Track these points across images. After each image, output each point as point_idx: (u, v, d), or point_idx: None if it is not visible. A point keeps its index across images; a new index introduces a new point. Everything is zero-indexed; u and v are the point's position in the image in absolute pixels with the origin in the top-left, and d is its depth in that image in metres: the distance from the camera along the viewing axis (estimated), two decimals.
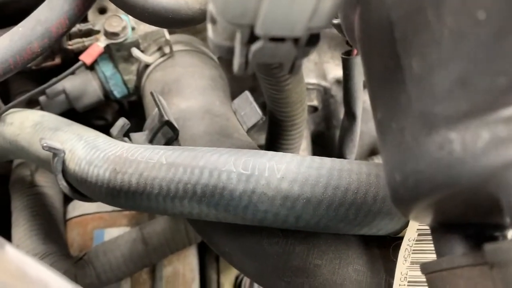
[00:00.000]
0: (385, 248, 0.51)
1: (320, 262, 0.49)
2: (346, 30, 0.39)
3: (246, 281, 0.91)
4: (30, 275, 0.26)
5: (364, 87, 0.77)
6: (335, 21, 0.49)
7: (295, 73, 0.36)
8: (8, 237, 0.83)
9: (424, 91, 0.26)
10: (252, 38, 0.29)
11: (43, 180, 0.87)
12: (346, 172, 0.45)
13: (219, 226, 0.52)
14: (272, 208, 0.45)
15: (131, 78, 0.84)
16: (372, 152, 0.98)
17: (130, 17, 0.78)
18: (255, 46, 0.29)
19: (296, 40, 0.29)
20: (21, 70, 0.84)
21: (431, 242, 0.41)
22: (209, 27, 0.31)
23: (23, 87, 0.92)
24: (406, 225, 0.48)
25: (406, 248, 0.49)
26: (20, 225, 0.80)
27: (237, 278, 0.93)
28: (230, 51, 0.30)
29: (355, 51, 0.65)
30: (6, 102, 0.88)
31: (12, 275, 0.26)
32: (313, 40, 0.30)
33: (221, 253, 0.55)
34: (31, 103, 0.89)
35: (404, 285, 0.48)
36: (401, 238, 0.49)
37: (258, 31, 0.28)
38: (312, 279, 0.49)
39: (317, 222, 0.45)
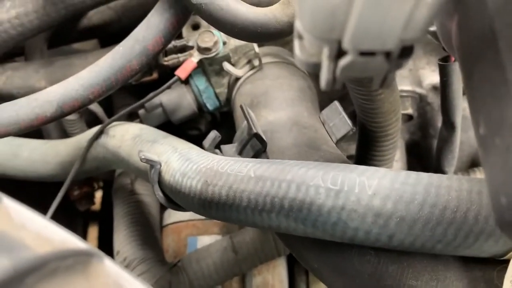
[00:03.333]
0: (488, 271, 0.46)
1: (415, 283, 0.46)
2: (442, 39, 0.37)
3: None
4: None
5: (463, 93, 0.72)
6: (431, 29, 0.46)
7: (386, 87, 0.34)
8: (111, 240, 0.89)
9: None
10: (340, 53, 0.28)
11: (142, 189, 0.93)
12: (445, 189, 0.42)
13: (308, 241, 0.51)
14: (363, 226, 0.43)
15: (223, 91, 0.86)
16: (473, 164, 0.91)
17: None
18: (344, 61, 0.28)
19: (387, 54, 0.28)
20: (122, 86, 0.91)
21: None
22: (296, 43, 0.30)
23: (124, 101, 0.98)
24: None
25: None
26: (121, 230, 0.86)
27: None
28: (317, 67, 0.30)
29: (452, 57, 0.61)
30: (110, 115, 0.95)
31: None
32: (406, 52, 0.29)
33: (310, 268, 0.55)
34: (132, 116, 0.95)
35: None
36: (507, 261, 0.45)
37: (347, 45, 0.27)
38: None
39: (412, 241, 0.43)
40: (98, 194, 1.44)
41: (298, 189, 0.45)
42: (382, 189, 0.42)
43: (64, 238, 0.28)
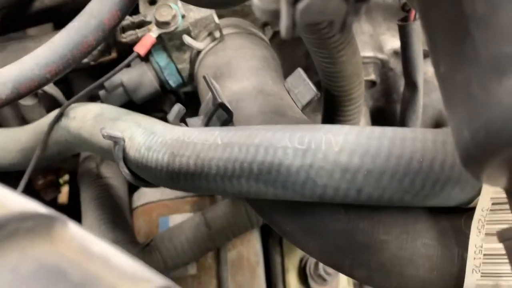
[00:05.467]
0: (456, 220, 0.48)
1: (386, 238, 0.47)
2: None
3: (310, 263, 0.90)
4: (93, 250, 0.26)
5: (425, 56, 0.73)
6: None
7: (347, 32, 0.34)
8: None
9: (490, 34, 0.23)
10: None
11: (108, 172, 0.91)
12: (410, 141, 0.42)
13: (279, 205, 0.51)
14: (332, 182, 0.43)
15: (185, 66, 0.84)
16: (436, 126, 0.93)
17: (180, 5, 0.78)
18: (302, 4, 0.27)
19: None
20: (81, 67, 0.88)
21: (508, 211, 0.38)
22: None
23: (84, 84, 0.95)
24: (478, 194, 0.44)
25: (480, 219, 0.46)
26: (89, 215, 0.84)
27: (301, 260, 0.92)
28: (276, 13, 0.29)
29: (412, 16, 0.62)
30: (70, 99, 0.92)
31: (76, 251, 0.26)
32: None
33: (282, 232, 0.55)
34: (93, 98, 0.92)
35: (480, 258, 0.45)
36: (473, 208, 0.46)
37: None
38: (378, 255, 0.47)
39: (380, 194, 0.43)
40: (65, 189, 1.41)
41: (266, 151, 0.45)
42: (348, 145, 0.43)
43: (24, 204, 0.27)
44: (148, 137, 0.55)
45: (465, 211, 0.47)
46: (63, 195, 1.42)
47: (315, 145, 0.44)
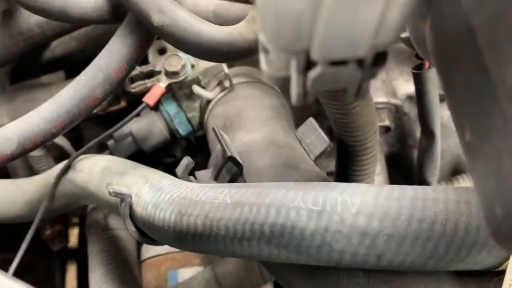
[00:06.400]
0: (484, 284, 0.44)
1: None
2: (416, 43, 0.35)
3: None
4: None
5: (441, 101, 0.71)
6: (403, 35, 0.44)
7: (362, 98, 0.32)
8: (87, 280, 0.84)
9: None
10: (309, 64, 0.26)
11: (116, 223, 0.88)
12: (431, 202, 0.40)
13: (293, 267, 0.49)
14: (349, 247, 0.40)
15: (195, 115, 0.84)
16: (455, 172, 0.90)
17: None
18: (313, 73, 0.25)
19: (360, 61, 0.25)
20: (90, 117, 0.88)
21: None
22: (262, 57, 0.28)
23: (93, 133, 0.95)
24: (507, 257, 0.41)
25: (511, 284, 0.43)
26: (96, 269, 0.81)
27: None
28: (286, 81, 0.27)
29: (426, 65, 0.60)
30: (79, 149, 0.91)
31: None
32: (380, 59, 0.26)
33: None
34: (102, 148, 0.91)
35: None
36: (503, 271, 0.42)
37: (315, 55, 0.24)
38: None
39: (402, 260, 0.40)
40: (75, 231, 1.39)
41: (278, 212, 0.43)
42: (366, 207, 0.40)
43: None
44: (155, 194, 0.53)
45: (495, 275, 0.44)
46: (73, 238, 1.40)
47: (330, 206, 0.41)
